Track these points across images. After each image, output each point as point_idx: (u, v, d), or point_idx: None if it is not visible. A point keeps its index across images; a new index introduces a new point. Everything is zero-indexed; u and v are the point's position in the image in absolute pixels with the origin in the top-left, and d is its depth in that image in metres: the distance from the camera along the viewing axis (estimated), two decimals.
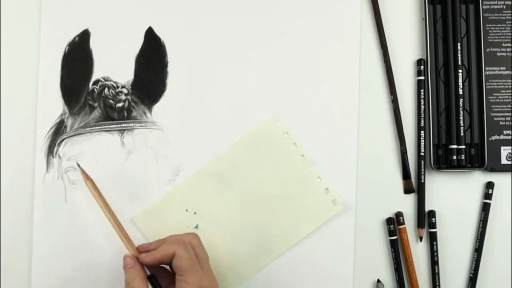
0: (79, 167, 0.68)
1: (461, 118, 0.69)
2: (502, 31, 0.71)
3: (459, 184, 0.71)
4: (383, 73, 0.71)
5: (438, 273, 0.70)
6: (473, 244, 0.70)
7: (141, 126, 0.69)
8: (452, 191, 0.71)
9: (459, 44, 0.70)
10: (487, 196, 0.70)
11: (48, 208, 0.68)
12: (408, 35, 0.72)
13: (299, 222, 0.69)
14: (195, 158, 0.69)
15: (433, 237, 0.70)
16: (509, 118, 0.71)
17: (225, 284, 0.69)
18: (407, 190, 0.71)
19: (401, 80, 0.71)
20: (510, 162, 0.71)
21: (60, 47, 0.69)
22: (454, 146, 0.70)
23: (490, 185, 0.70)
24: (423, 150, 0.70)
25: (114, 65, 0.69)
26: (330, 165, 0.70)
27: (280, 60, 0.70)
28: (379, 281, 0.70)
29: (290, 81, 0.70)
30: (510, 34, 0.71)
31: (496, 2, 0.71)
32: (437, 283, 0.70)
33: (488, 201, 0.70)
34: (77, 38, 0.69)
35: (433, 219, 0.70)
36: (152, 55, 0.70)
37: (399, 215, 0.70)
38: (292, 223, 0.69)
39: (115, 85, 0.69)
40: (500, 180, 0.71)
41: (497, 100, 0.71)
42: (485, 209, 0.70)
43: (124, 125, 0.69)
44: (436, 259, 0.70)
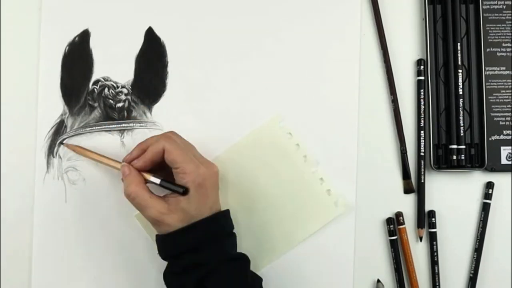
0: (63, 144, 0.69)
1: (461, 118, 0.69)
2: (502, 31, 0.71)
3: (459, 184, 0.71)
4: (383, 73, 0.71)
5: (438, 273, 0.70)
6: (473, 244, 0.70)
7: (141, 126, 0.69)
8: (452, 191, 0.71)
9: (459, 44, 0.70)
10: (487, 196, 0.70)
11: (48, 208, 0.69)
12: (408, 35, 0.72)
13: (301, 223, 0.69)
14: None
15: (433, 237, 0.70)
16: (509, 118, 0.71)
17: None
18: (407, 190, 0.71)
19: (401, 80, 0.71)
20: (510, 162, 0.71)
21: (60, 47, 0.69)
22: (454, 146, 0.70)
23: (490, 185, 0.70)
24: (423, 150, 0.70)
25: (114, 65, 0.70)
26: (332, 166, 0.70)
27: (280, 60, 0.70)
28: (379, 281, 0.70)
29: (290, 81, 0.70)
30: (510, 34, 0.71)
31: (496, 2, 0.71)
32: (437, 283, 0.70)
33: (488, 201, 0.70)
34: (77, 38, 0.69)
35: (433, 219, 0.70)
36: (152, 55, 0.70)
37: (399, 215, 0.70)
38: (294, 224, 0.69)
39: (115, 85, 0.69)
40: (500, 180, 0.71)
41: (497, 100, 0.71)
42: (485, 209, 0.70)
43: (124, 125, 0.69)
44: (436, 259, 0.70)
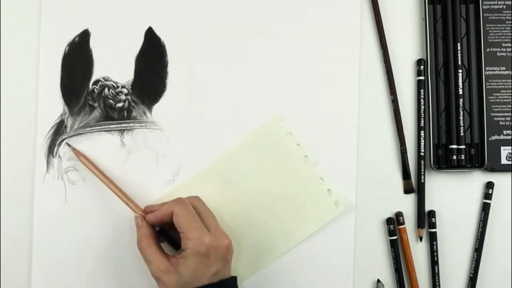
0: (70, 146, 0.68)
1: (461, 118, 0.69)
2: (502, 31, 0.71)
3: (459, 184, 0.71)
4: (383, 73, 0.71)
5: (438, 273, 0.70)
6: (473, 244, 0.70)
7: (141, 126, 0.69)
8: (452, 191, 0.71)
9: (459, 44, 0.70)
10: (487, 196, 0.70)
11: (48, 208, 0.68)
12: (408, 35, 0.72)
13: (301, 223, 0.69)
14: (195, 159, 0.69)
15: (433, 237, 0.70)
16: (509, 118, 0.71)
17: None
18: (407, 190, 0.71)
19: (401, 80, 0.71)
20: (510, 162, 0.71)
21: (60, 47, 0.69)
22: (454, 146, 0.70)
23: (490, 185, 0.70)
24: (423, 150, 0.70)
25: (114, 65, 0.69)
26: (332, 166, 0.70)
27: (280, 60, 0.70)
28: (379, 281, 0.70)
29: (290, 81, 0.70)
30: (510, 34, 0.71)
31: (496, 2, 0.71)
32: (437, 283, 0.70)
33: (488, 201, 0.70)
34: (77, 38, 0.69)
35: (433, 219, 0.70)
36: (152, 55, 0.70)
37: (399, 215, 0.70)
38: (294, 224, 0.69)
39: (115, 85, 0.69)
40: (500, 180, 0.71)
41: (497, 100, 0.71)
42: (485, 209, 0.70)
43: (124, 125, 0.69)
44: (436, 259, 0.70)
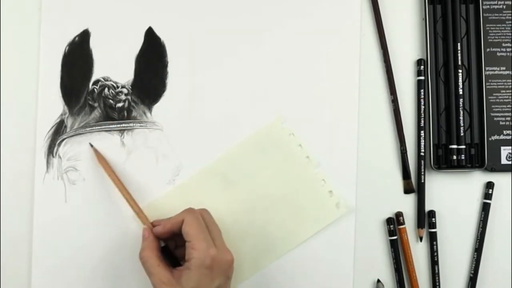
0: (92, 147, 0.68)
1: (461, 118, 0.69)
2: (502, 31, 0.71)
3: (459, 184, 0.71)
4: (383, 73, 0.71)
5: (438, 273, 0.70)
6: (473, 244, 0.70)
7: (141, 126, 0.69)
8: (452, 191, 0.71)
9: (459, 44, 0.70)
10: (487, 196, 0.70)
11: (48, 208, 0.68)
12: (408, 35, 0.72)
13: (302, 224, 0.69)
14: (195, 159, 0.69)
15: (433, 237, 0.70)
16: (509, 118, 0.71)
17: None
18: (407, 190, 0.71)
19: (401, 80, 0.71)
20: (510, 162, 0.71)
21: (60, 47, 0.69)
22: (454, 146, 0.70)
23: (490, 185, 0.70)
24: (423, 150, 0.70)
25: (114, 65, 0.69)
26: (333, 166, 0.70)
27: (281, 60, 0.70)
28: (379, 281, 0.70)
29: (290, 82, 0.70)
30: (510, 34, 0.71)
31: (496, 2, 0.71)
32: (437, 283, 0.70)
33: (488, 201, 0.70)
34: (77, 38, 0.69)
35: (433, 219, 0.70)
36: (152, 55, 0.70)
37: (399, 215, 0.70)
38: (295, 225, 0.69)
39: (115, 85, 0.69)
40: (500, 180, 0.71)
41: (497, 100, 0.71)
42: (485, 209, 0.70)
43: (124, 125, 0.69)
44: (436, 259, 0.70)
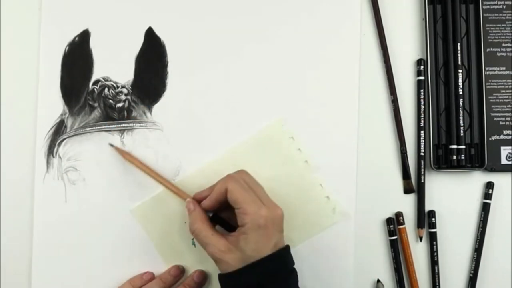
0: (113, 146, 0.69)
1: (461, 118, 0.69)
2: (502, 31, 0.71)
3: (459, 184, 0.71)
4: (383, 73, 0.71)
5: (438, 273, 0.70)
6: (473, 244, 0.70)
7: (141, 126, 0.69)
8: (452, 191, 0.71)
9: (459, 44, 0.70)
10: (487, 196, 0.70)
11: (48, 208, 0.68)
12: (408, 35, 0.72)
13: (297, 228, 0.69)
14: (195, 159, 0.69)
15: (433, 237, 0.70)
16: (509, 118, 0.71)
17: None
18: (407, 190, 0.71)
19: (401, 80, 0.71)
20: (510, 162, 0.71)
21: (60, 47, 0.69)
22: (454, 146, 0.70)
23: (490, 185, 0.70)
24: (423, 150, 0.70)
25: (114, 65, 0.70)
26: (332, 171, 0.70)
27: (280, 61, 0.70)
28: (379, 281, 0.70)
29: (290, 82, 0.70)
30: (510, 34, 0.71)
31: (496, 2, 0.71)
32: (437, 283, 0.70)
33: (488, 201, 0.70)
34: (77, 38, 0.69)
35: (433, 219, 0.70)
36: (152, 55, 0.70)
37: (399, 215, 0.70)
38: (290, 228, 0.68)
39: (115, 85, 0.69)
40: (500, 180, 0.71)
41: (497, 100, 0.71)
42: (485, 209, 0.70)
43: (124, 125, 0.69)
44: (436, 259, 0.70)
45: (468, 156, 0.70)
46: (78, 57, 0.69)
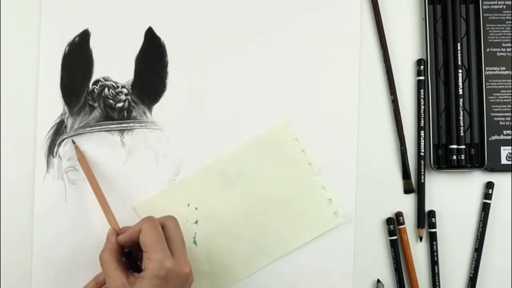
0: (74, 144, 0.68)
1: (461, 118, 0.69)
2: (502, 31, 0.71)
3: (459, 184, 0.71)
4: (383, 73, 0.71)
5: (438, 273, 0.70)
6: (473, 244, 0.70)
7: (141, 126, 0.69)
8: (452, 191, 0.71)
9: (459, 44, 0.70)
10: (487, 196, 0.70)
11: (48, 208, 0.68)
12: (408, 35, 0.71)
13: (299, 230, 0.69)
14: (195, 159, 0.69)
15: (433, 237, 0.70)
16: (509, 118, 0.71)
17: (220, 282, 0.69)
18: (407, 190, 0.71)
19: (401, 80, 0.71)
20: (510, 162, 0.70)
21: (60, 47, 0.69)
22: (454, 146, 0.70)
23: (490, 185, 0.70)
24: (423, 150, 0.70)
25: (114, 65, 0.69)
26: (334, 173, 0.70)
27: (281, 61, 0.70)
28: (379, 281, 0.70)
29: (291, 83, 0.70)
30: (510, 34, 0.71)
31: (496, 2, 0.71)
32: (437, 283, 0.70)
33: (488, 201, 0.70)
34: (77, 38, 0.69)
35: (433, 219, 0.70)
36: (152, 55, 0.70)
37: (399, 215, 0.70)
38: (292, 230, 0.69)
39: (115, 85, 0.69)
40: (500, 180, 0.71)
41: (497, 100, 0.71)
42: (485, 209, 0.70)
43: (124, 125, 0.69)
44: (436, 259, 0.70)
45: (468, 156, 0.70)
46: (78, 57, 0.69)
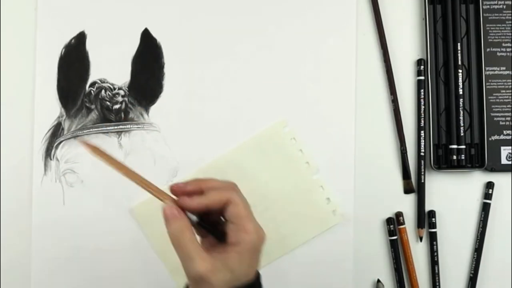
0: (82, 141, 0.68)
1: (461, 118, 0.69)
2: (502, 31, 0.71)
3: (459, 184, 0.71)
4: (383, 73, 0.71)
5: (438, 273, 0.70)
6: (473, 244, 0.70)
7: (138, 128, 0.69)
8: (452, 191, 0.71)
9: (459, 44, 0.70)
10: (487, 196, 0.70)
11: (46, 211, 0.68)
12: (408, 35, 0.71)
13: (297, 229, 0.69)
14: (193, 160, 0.69)
15: (433, 237, 0.70)
16: (509, 118, 0.71)
17: None
18: (407, 190, 0.71)
19: (401, 80, 0.71)
20: (510, 162, 0.70)
21: (57, 50, 0.69)
22: (454, 146, 0.69)
23: (490, 185, 0.70)
24: (423, 150, 0.70)
25: (111, 67, 0.69)
26: (332, 171, 0.70)
27: (278, 61, 0.70)
28: (379, 281, 0.70)
29: (289, 83, 0.70)
30: (510, 34, 0.71)
31: (496, 2, 0.71)
32: (437, 283, 0.70)
33: (488, 201, 0.70)
34: (74, 41, 0.69)
35: (433, 219, 0.70)
36: (149, 56, 0.70)
37: (399, 215, 0.70)
38: (291, 229, 0.69)
39: (112, 87, 0.69)
40: (500, 180, 0.71)
41: (497, 100, 0.71)
42: (485, 209, 0.70)
43: (121, 127, 0.69)
44: (436, 259, 0.70)
45: (468, 156, 0.70)
46: (75, 59, 0.69)
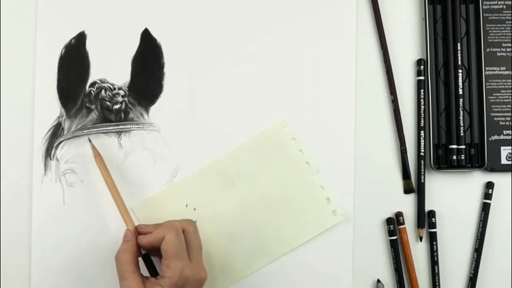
0: (90, 142, 0.68)
1: (461, 118, 0.69)
2: (502, 31, 0.71)
3: (459, 184, 0.71)
4: (383, 73, 0.71)
5: (438, 273, 0.70)
6: (473, 244, 0.70)
7: (138, 128, 0.69)
8: (452, 191, 0.71)
9: (459, 44, 0.70)
10: (487, 196, 0.70)
11: (46, 211, 0.68)
12: (408, 35, 0.71)
13: (297, 229, 0.69)
14: (193, 159, 0.69)
15: (433, 237, 0.70)
16: (509, 118, 0.71)
17: (218, 282, 0.69)
18: (407, 190, 0.71)
19: (401, 80, 0.71)
20: (510, 162, 0.70)
21: (57, 50, 0.69)
22: (454, 146, 0.69)
23: (490, 185, 0.70)
24: (423, 150, 0.70)
25: (111, 67, 0.69)
26: (332, 171, 0.70)
27: (277, 61, 0.70)
28: (379, 281, 0.70)
29: (289, 84, 0.70)
30: (510, 34, 0.71)
31: (496, 2, 0.71)
32: (437, 283, 0.70)
33: (488, 201, 0.70)
34: (74, 41, 0.69)
35: (433, 219, 0.70)
36: (149, 56, 0.69)
37: (399, 215, 0.70)
38: (290, 229, 0.69)
39: (112, 87, 0.69)
40: (500, 180, 0.71)
41: (497, 100, 0.71)
42: (485, 209, 0.70)
43: (121, 127, 0.69)
44: (436, 259, 0.70)
45: (468, 156, 0.70)
46: (75, 59, 0.69)
